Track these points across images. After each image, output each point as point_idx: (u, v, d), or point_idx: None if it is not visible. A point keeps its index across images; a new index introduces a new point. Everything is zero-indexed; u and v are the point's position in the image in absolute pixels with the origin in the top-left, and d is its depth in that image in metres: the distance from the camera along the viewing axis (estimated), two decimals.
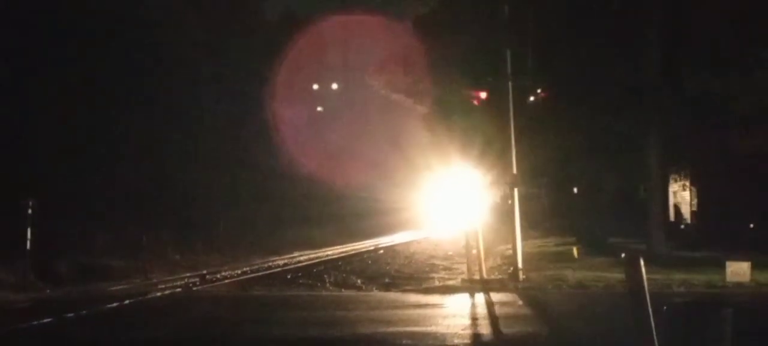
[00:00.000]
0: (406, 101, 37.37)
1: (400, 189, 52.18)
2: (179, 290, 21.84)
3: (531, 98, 26.50)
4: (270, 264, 29.23)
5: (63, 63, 28.80)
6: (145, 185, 32.57)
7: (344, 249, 36.26)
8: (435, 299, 18.75)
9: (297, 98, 50.69)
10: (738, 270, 19.71)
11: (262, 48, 43.45)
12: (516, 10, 23.65)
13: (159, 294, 20.97)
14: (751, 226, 29.26)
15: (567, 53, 26.79)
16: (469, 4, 28.94)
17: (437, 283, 22.60)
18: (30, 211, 22.27)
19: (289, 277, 25.13)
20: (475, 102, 27.70)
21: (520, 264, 21.61)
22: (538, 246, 32.43)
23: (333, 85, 68.41)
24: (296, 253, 33.81)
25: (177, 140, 35.48)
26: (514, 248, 21.84)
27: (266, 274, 25.96)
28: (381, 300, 19.24)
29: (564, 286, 20.53)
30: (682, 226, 33.50)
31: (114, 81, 30.89)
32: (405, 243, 40.25)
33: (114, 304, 18.62)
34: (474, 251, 22.01)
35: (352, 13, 59.25)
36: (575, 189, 37.37)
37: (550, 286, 20.56)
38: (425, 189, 46.42)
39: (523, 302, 18.07)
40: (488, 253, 23.38)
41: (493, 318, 15.79)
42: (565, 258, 26.62)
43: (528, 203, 28.80)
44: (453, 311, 16.80)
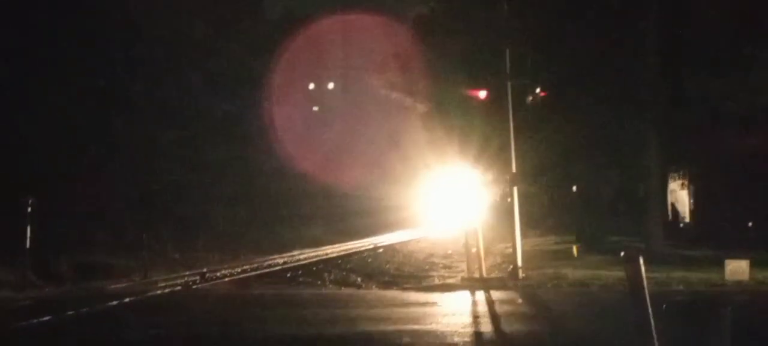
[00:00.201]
0: (406, 100, 37.39)
1: (399, 188, 52.11)
2: (179, 289, 21.86)
3: (530, 97, 26.53)
4: (270, 262, 29.23)
5: (62, 63, 28.82)
6: (145, 184, 32.59)
7: (344, 247, 36.25)
8: (435, 297, 18.77)
9: (294, 97, 50.68)
10: (737, 268, 19.76)
11: (261, 48, 43.43)
12: (515, 9, 23.72)
13: (159, 292, 21.00)
14: (750, 224, 29.31)
15: (566, 52, 26.81)
16: (469, 3, 28.96)
17: (437, 281, 22.63)
18: (30, 209, 22.31)
19: (289, 275, 25.15)
20: (475, 101, 27.72)
21: (520, 262, 21.65)
22: (538, 244, 32.43)
23: (329, 84, 68.18)
24: (296, 251, 33.80)
25: (176, 139, 35.48)
26: (514, 247, 21.87)
27: (266, 272, 25.98)
28: (381, 298, 19.27)
29: (564, 284, 20.58)
30: (681, 224, 33.52)
31: (113, 80, 30.93)
32: (404, 242, 40.24)
33: (114, 302, 18.64)
34: (474, 250, 22.03)
35: (351, 12, 59.21)
36: (574, 188, 37.41)
37: (550, 284, 20.60)
38: (424, 188, 46.40)
39: (523, 300, 18.10)
40: (488, 251, 23.40)
41: (493, 316, 15.83)
42: (565, 256, 26.66)
43: (527, 202, 28.77)
44: (453, 309, 16.83)
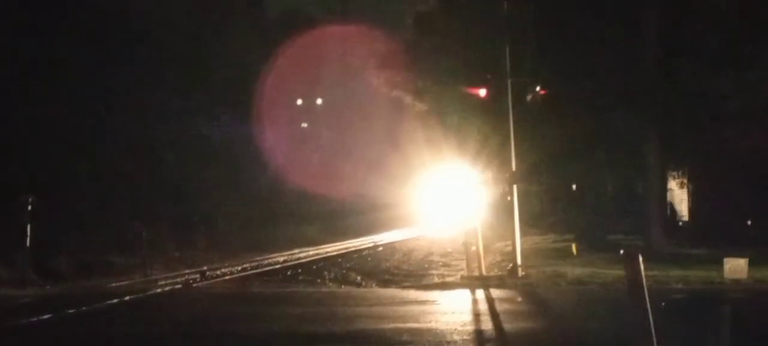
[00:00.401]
0: (405, 98, 37.36)
1: (398, 186, 52.14)
2: (179, 287, 21.85)
3: (530, 96, 26.52)
4: (269, 261, 29.24)
5: (62, 62, 28.84)
6: (145, 182, 32.60)
7: (343, 246, 36.26)
8: (434, 296, 18.77)
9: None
10: (735, 267, 19.79)
11: (260, 48, 43.40)
12: (515, 7, 23.73)
13: (159, 291, 21.00)
14: (749, 223, 29.37)
15: (565, 50, 26.84)
16: (469, 1, 28.98)
17: (436, 279, 22.62)
18: (30, 208, 22.31)
19: (289, 273, 25.16)
20: (474, 99, 27.74)
21: (519, 261, 21.67)
22: (537, 243, 32.45)
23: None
24: (295, 250, 33.80)
25: (174, 138, 35.55)
26: (514, 245, 21.89)
27: (266, 270, 25.97)
28: (380, 296, 19.26)
29: (563, 282, 20.60)
30: (680, 223, 33.59)
31: (113, 80, 30.96)
32: (403, 240, 40.25)
33: (114, 300, 18.63)
34: (473, 248, 22.03)
35: (348, 17, 59.48)
36: (574, 186, 37.44)
37: (549, 282, 20.62)
38: (423, 186, 46.42)
39: (523, 299, 18.11)
40: (487, 250, 23.40)
41: (493, 314, 15.84)
42: (564, 255, 26.69)
43: (527, 200, 28.82)
44: (452, 308, 16.83)
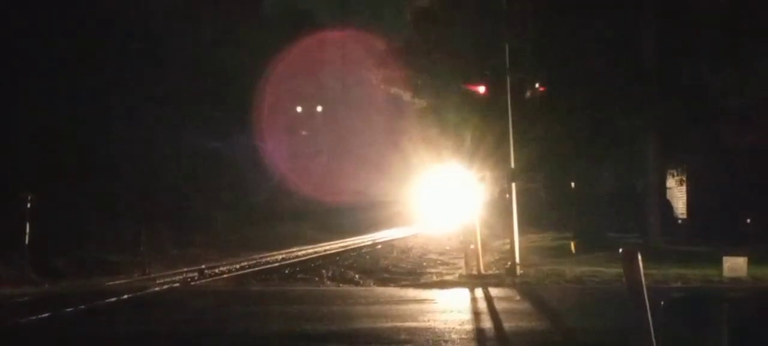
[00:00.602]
0: (404, 95, 37.35)
1: (396, 184, 52.13)
2: (177, 285, 21.85)
3: (529, 92, 26.52)
4: (268, 259, 29.21)
5: (60, 61, 28.83)
6: (143, 181, 32.59)
7: (341, 244, 36.20)
8: (432, 294, 18.78)
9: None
10: (735, 265, 19.79)
11: (260, 48, 43.44)
12: (514, 3, 23.73)
13: (157, 289, 21.00)
14: (748, 221, 29.36)
15: (564, 47, 26.83)
16: None
17: (435, 278, 22.61)
18: (29, 206, 22.31)
19: (287, 272, 25.14)
20: (473, 97, 27.71)
21: (518, 259, 21.66)
22: (536, 241, 32.44)
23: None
24: (294, 248, 33.76)
25: (173, 138, 35.58)
26: (512, 243, 21.88)
27: (264, 269, 25.95)
28: (379, 295, 19.26)
29: (561, 281, 20.60)
30: (679, 221, 33.57)
31: (112, 79, 30.97)
32: (402, 238, 40.21)
33: (112, 299, 18.63)
34: (471, 246, 22.04)
35: (347, 17, 59.58)
36: (572, 184, 37.39)
37: (548, 281, 20.62)
38: (421, 184, 46.41)
39: (521, 297, 18.12)
40: (485, 248, 23.41)
41: (491, 313, 15.85)
42: (563, 253, 26.68)
43: (525, 198, 28.78)
44: (451, 306, 16.84)
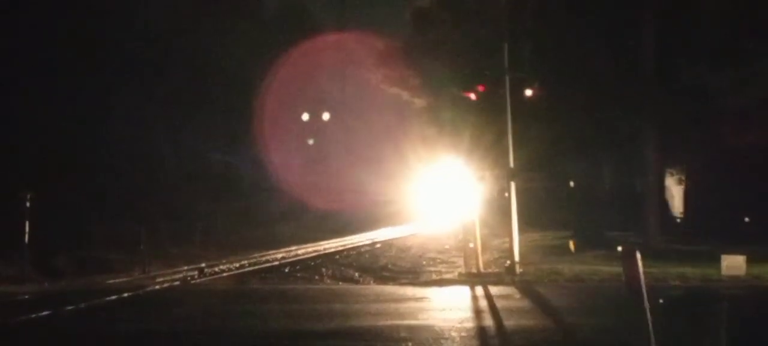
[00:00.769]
0: (403, 95, 37.34)
1: (396, 183, 52.18)
2: (177, 284, 21.88)
3: (530, 91, 26.51)
4: (267, 258, 29.23)
5: (60, 61, 28.88)
6: (143, 180, 32.64)
7: (341, 243, 36.22)
8: (432, 292, 18.81)
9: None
10: (733, 263, 19.81)
11: (261, 47, 43.50)
12: (513, 2, 23.73)
13: (157, 287, 21.03)
14: (747, 219, 29.38)
15: (563, 46, 26.84)
16: None
17: (434, 276, 22.63)
18: (28, 205, 22.34)
19: (287, 270, 25.17)
20: (473, 96, 27.71)
21: (517, 258, 21.67)
22: (535, 240, 32.43)
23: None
24: (293, 247, 33.79)
25: (173, 138, 35.68)
26: (511, 242, 21.90)
27: (264, 267, 25.96)
28: (378, 293, 19.30)
29: (561, 279, 20.62)
30: (678, 219, 33.59)
31: (112, 79, 31.04)
32: (401, 237, 40.23)
33: (112, 297, 18.67)
34: (471, 245, 22.06)
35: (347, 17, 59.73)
36: (572, 183, 37.41)
37: (547, 279, 20.63)
38: (421, 183, 46.44)
39: (520, 295, 18.15)
40: (484, 247, 23.44)
41: (491, 311, 15.87)
42: (562, 252, 26.68)
43: (525, 197, 28.80)
44: (450, 304, 16.86)
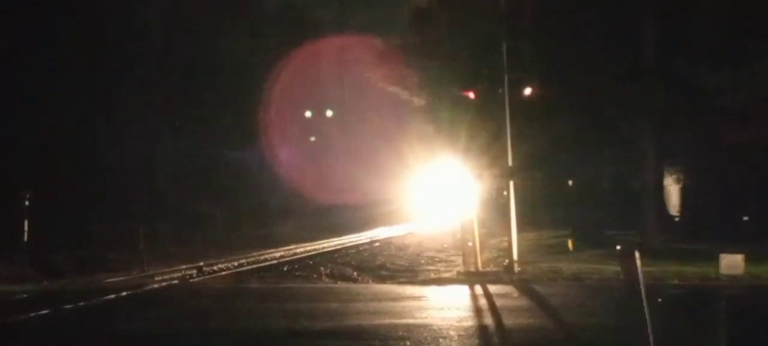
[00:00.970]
0: (402, 94, 37.38)
1: (395, 182, 52.27)
2: (176, 282, 21.88)
3: (529, 90, 26.52)
4: (266, 256, 29.25)
5: (60, 61, 28.91)
6: (143, 180, 32.68)
7: (340, 242, 36.26)
8: (430, 291, 18.81)
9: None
10: (732, 263, 19.81)
11: (262, 47, 43.60)
12: (512, 1, 23.73)
13: (156, 286, 21.02)
14: (745, 218, 29.39)
15: (562, 46, 26.84)
16: None
17: (433, 275, 22.64)
18: (27, 203, 22.35)
19: (286, 269, 25.19)
20: (472, 95, 27.73)
21: (516, 256, 21.69)
22: (533, 239, 32.44)
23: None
24: (292, 246, 33.82)
25: (171, 137, 35.74)
26: (510, 241, 21.91)
27: (263, 266, 25.98)
28: (377, 292, 19.31)
29: (559, 278, 20.62)
30: (677, 218, 33.61)
31: (112, 79, 31.09)
32: (400, 236, 40.29)
33: (111, 296, 18.66)
34: (469, 244, 22.07)
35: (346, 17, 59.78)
36: (570, 182, 37.47)
37: (546, 278, 20.64)
38: (420, 182, 46.51)
39: (519, 294, 18.15)
40: (483, 246, 23.42)
41: (489, 310, 15.87)
42: (561, 251, 26.69)
43: (523, 196, 28.83)
44: (449, 303, 16.86)
